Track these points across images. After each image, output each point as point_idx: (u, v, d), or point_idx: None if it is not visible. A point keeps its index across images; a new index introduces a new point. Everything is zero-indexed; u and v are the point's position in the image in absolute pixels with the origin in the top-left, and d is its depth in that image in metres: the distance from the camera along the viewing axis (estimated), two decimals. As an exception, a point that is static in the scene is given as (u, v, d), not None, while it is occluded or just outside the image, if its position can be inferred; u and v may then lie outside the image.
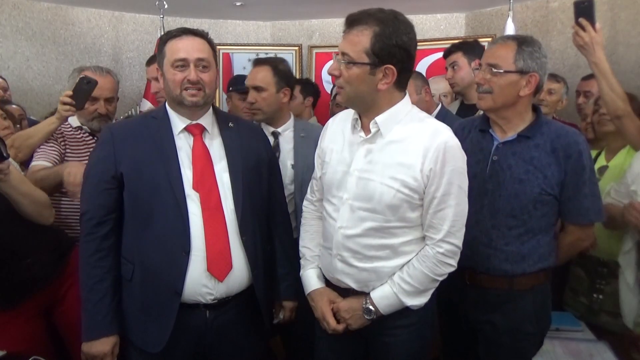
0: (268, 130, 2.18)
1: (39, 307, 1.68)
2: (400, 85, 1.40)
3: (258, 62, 2.18)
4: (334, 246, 1.46)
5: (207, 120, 1.58)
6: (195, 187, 1.49)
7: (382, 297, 1.43)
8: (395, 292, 1.42)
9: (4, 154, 1.44)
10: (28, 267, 1.62)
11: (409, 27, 1.35)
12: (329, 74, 1.43)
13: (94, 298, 1.48)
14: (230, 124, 1.63)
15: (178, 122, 1.54)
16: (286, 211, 1.84)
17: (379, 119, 1.39)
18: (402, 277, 1.42)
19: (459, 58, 2.55)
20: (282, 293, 1.73)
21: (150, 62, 2.92)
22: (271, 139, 2.11)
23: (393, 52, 1.31)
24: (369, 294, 1.45)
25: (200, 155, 1.53)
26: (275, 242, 1.74)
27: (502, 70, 1.56)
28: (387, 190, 1.36)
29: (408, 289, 1.41)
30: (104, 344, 1.48)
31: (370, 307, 1.44)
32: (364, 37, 1.31)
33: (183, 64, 1.48)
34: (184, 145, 1.53)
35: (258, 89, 2.12)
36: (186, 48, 1.48)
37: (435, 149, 1.34)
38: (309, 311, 1.61)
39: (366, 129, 1.43)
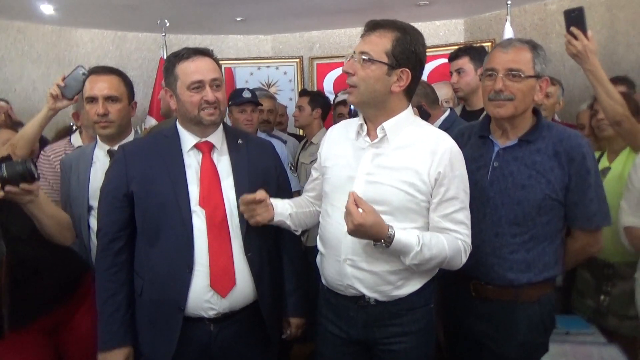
0: (104, 148, 1.91)
1: (49, 326, 1.70)
2: (409, 93, 1.45)
3: (104, 71, 1.89)
4: (342, 251, 1.45)
5: (216, 137, 1.59)
6: (201, 204, 1.50)
7: (404, 239, 1.35)
8: (418, 239, 1.35)
9: (35, 175, 1.44)
10: (46, 287, 1.64)
11: (423, 40, 1.44)
12: (343, 71, 1.43)
13: (108, 310, 1.53)
14: (239, 141, 1.63)
15: (188, 140, 1.56)
16: None
17: (386, 124, 1.42)
18: (426, 239, 1.37)
19: (466, 64, 2.52)
20: (289, 309, 1.72)
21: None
22: (105, 159, 1.87)
23: (410, 58, 1.39)
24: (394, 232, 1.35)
25: (207, 172, 1.54)
26: (283, 258, 1.72)
27: (523, 76, 1.51)
28: (397, 193, 1.39)
29: (426, 252, 1.36)
30: (117, 355, 1.52)
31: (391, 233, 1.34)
32: (385, 39, 1.38)
33: (199, 85, 1.49)
34: (192, 163, 1.55)
35: (113, 99, 1.85)
36: (200, 69, 1.50)
37: (442, 153, 1.39)
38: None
39: (372, 135, 1.46)
